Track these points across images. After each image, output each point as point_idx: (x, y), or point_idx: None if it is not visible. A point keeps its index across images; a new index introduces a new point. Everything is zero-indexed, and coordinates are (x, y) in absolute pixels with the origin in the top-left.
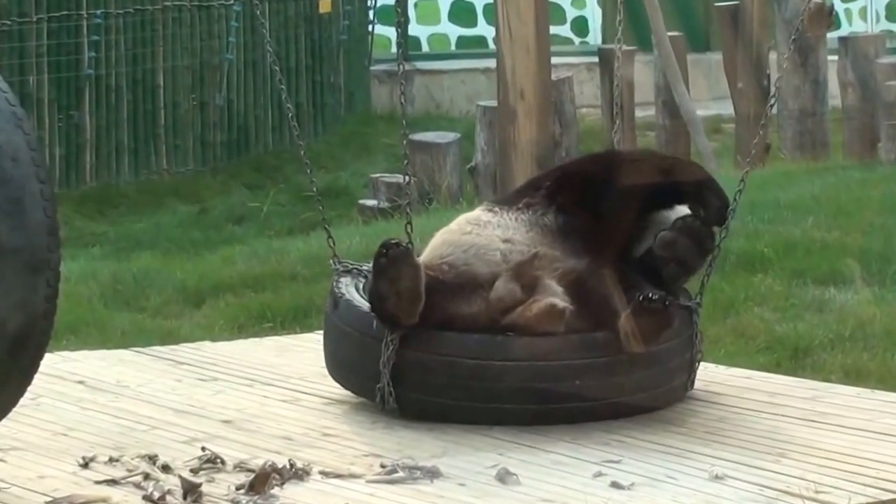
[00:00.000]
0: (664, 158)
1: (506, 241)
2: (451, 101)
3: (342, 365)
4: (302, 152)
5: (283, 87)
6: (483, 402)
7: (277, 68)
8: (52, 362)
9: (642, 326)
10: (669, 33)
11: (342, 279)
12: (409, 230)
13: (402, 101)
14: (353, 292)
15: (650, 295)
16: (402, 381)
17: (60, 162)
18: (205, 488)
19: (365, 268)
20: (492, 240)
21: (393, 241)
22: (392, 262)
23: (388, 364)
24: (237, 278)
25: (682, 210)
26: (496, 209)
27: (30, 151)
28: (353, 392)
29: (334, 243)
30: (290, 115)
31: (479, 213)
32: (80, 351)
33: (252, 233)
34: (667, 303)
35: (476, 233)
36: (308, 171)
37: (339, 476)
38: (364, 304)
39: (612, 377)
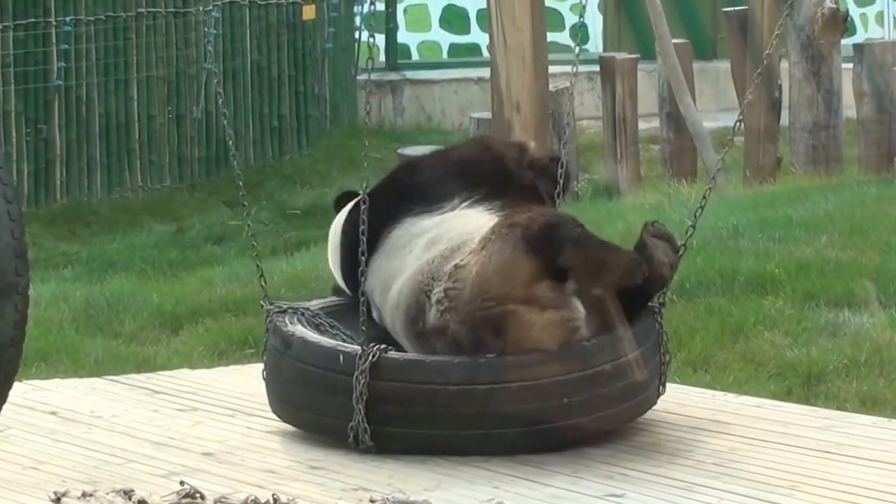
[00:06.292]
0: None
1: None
2: (442, 112)
3: (303, 407)
4: (240, 182)
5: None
6: (471, 429)
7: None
8: (22, 391)
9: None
10: (674, 40)
11: (284, 318)
12: None
13: (367, 121)
14: (304, 330)
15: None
16: (378, 416)
17: (28, 179)
18: None
19: (301, 307)
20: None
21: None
22: (661, 236)
23: (362, 399)
24: (217, 302)
25: None
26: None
27: None
28: (319, 434)
29: (266, 283)
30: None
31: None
32: (52, 379)
33: (232, 253)
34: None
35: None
36: (244, 202)
37: None
38: (323, 340)
39: (596, 390)
